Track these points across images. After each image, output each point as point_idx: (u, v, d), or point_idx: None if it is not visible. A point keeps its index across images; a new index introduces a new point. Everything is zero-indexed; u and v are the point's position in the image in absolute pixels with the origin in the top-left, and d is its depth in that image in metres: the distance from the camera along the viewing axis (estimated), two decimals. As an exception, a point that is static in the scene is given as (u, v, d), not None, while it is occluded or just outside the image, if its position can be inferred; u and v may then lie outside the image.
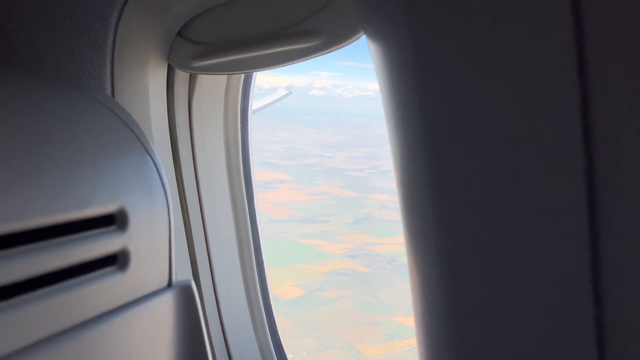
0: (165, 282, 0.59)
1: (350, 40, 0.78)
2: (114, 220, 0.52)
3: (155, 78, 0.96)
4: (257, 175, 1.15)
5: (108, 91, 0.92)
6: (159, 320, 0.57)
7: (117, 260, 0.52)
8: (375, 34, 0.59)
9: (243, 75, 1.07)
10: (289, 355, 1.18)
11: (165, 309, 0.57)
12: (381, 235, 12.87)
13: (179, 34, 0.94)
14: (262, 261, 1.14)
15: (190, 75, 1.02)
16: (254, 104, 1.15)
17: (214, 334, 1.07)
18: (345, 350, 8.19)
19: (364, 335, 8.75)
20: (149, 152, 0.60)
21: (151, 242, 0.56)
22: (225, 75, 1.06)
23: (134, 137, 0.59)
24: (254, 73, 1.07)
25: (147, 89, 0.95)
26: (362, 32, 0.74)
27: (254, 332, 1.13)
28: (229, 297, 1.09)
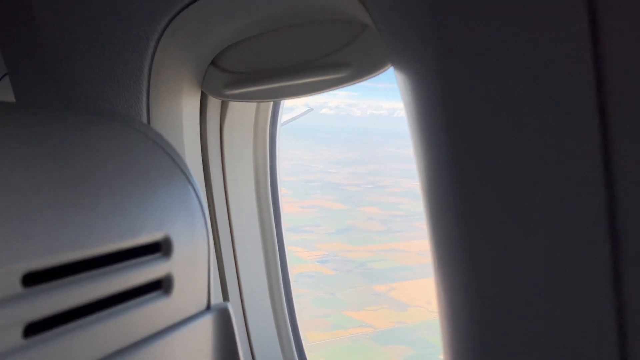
0: (204, 305, 0.61)
1: (378, 72, 0.81)
2: (160, 248, 0.55)
3: (189, 104, 1.00)
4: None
5: (144, 117, 0.96)
6: (199, 341, 0.59)
7: (161, 286, 0.55)
8: (403, 68, 0.61)
9: (272, 102, 1.11)
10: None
11: (204, 331, 0.60)
12: (357, 243, 13.43)
13: (213, 63, 0.98)
14: (289, 283, 1.16)
15: (222, 101, 1.06)
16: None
17: (243, 356, 1.08)
18: (293, 337, 9.05)
19: (312, 325, 9.41)
20: (189, 181, 0.63)
21: (192, 267, 0.59)
22: (255, 102, 1.10)
23: (176, 167, 0.62)
24: (282, 100, 1.11)
25: (181, 115, 0.99)
26: (390, 65, 0.77)
27: (281, 354, 1.14)
28: (257, 318, 1.11)
